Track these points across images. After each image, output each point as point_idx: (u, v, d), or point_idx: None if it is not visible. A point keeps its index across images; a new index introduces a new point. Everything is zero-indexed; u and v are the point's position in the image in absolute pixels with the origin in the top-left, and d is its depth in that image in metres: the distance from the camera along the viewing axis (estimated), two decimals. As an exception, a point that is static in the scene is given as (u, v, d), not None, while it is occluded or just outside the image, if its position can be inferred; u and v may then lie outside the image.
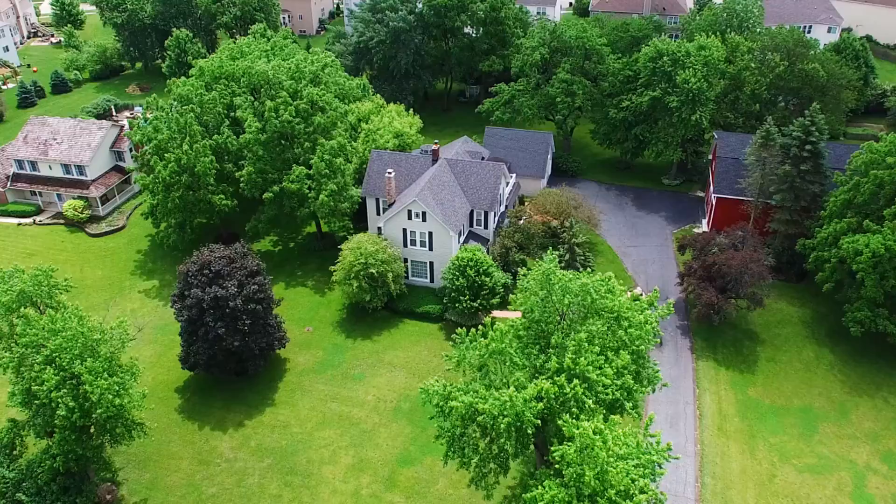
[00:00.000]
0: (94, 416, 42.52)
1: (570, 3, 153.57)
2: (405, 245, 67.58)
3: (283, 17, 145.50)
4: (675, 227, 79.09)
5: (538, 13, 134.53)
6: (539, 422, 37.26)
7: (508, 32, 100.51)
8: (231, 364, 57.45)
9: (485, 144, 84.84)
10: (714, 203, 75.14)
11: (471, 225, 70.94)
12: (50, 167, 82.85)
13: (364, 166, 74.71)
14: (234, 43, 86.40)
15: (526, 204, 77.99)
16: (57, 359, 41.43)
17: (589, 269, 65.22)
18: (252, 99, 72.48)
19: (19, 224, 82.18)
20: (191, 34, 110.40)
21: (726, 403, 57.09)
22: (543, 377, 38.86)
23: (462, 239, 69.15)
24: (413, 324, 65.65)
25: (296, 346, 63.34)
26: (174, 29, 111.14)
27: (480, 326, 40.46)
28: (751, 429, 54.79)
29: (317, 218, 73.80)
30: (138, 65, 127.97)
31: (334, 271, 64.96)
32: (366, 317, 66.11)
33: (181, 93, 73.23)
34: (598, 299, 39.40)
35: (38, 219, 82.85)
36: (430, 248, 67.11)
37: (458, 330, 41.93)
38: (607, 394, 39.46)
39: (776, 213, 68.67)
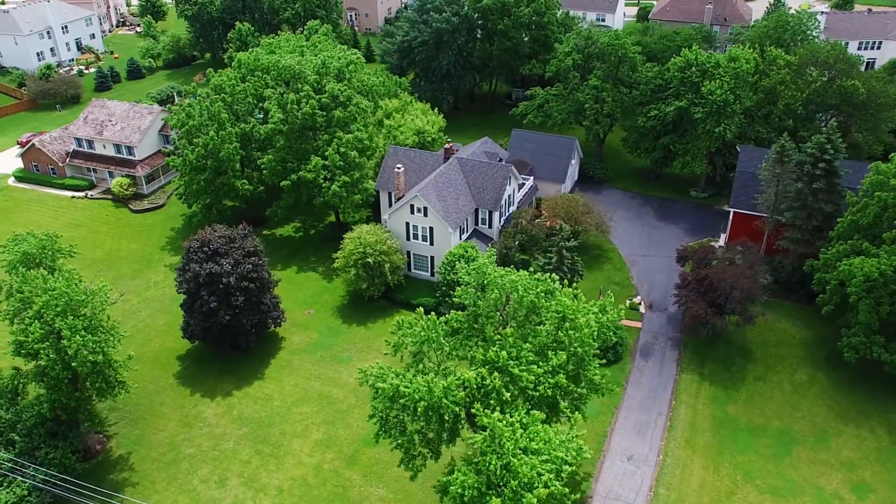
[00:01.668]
0: (74, 368, 46.85)
1: (637, 11, 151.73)
2: (408, 238, 69.80)
3: (350, 15, 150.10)
4: (693, 240, 77.81)
5: (598, 19, 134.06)
6: (457, 409, 38.72)
7: (551, 38, 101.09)
8: (226, 337, 61.25)
9: (510, 146, 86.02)
10: (731, 217, 73.81)
11: (477, 223, 72.48)
12: (104, 146, 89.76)
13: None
14: (274, 38, 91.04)
15: (541, 207, 78.90)
16: (45, 314, 46.01)
17: (578, 275, 66.07)
18: (281, 91, 76.44)
19: (72, 197, 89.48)
20: (253, 28, 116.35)
21: (701, 417, 56.49)
22: (473, 368, 40.32)
23: (465, 236, 70.79)
24: (408, 314, 67.43)
25: (294, 326, 66.68)
26: (238, 22, 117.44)
27: (414, 315, 42.23)
28: (720, 445, 54.08)
29: (335, 208, 77.01)
30: (208, 55, 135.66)
31: (336, 258, 67.98)
32: (364, 305, 68.77)
33: (216, 82, 78.10)
34: (528, 297, 40.41)
35: (90, 193, 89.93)
36: (431, 243, 69.06)
37: (397, 318, 43.85)
38: (537, 391, 40.52)
39: (787, 232, 66.94)
